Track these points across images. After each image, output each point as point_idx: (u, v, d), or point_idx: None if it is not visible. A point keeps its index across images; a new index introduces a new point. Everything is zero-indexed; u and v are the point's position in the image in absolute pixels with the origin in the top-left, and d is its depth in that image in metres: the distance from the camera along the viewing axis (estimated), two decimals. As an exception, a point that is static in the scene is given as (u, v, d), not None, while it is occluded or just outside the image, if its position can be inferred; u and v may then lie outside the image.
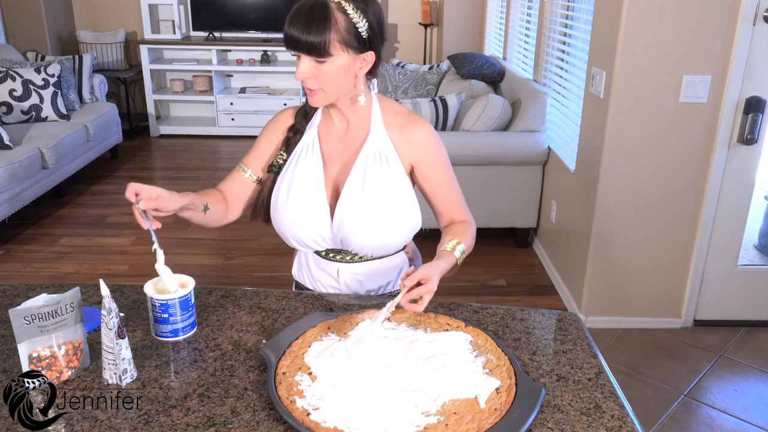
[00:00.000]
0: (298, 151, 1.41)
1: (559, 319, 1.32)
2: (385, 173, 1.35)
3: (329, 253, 1.44)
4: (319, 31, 1.22)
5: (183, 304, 1.20)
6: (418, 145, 1.38)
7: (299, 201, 1.37)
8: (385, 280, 1.48)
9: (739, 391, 2.51)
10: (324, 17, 1.22)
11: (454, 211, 1.45)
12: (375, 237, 1.37)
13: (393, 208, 1.36)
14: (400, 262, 1.49)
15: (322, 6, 1.23)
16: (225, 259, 3.54)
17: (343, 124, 1.40)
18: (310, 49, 1.24)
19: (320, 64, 1.25)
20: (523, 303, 3.11)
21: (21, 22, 5.44)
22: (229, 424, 0.99)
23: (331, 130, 1.41)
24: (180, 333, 1.21)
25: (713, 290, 2.84)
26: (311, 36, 1.22)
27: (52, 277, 3.36)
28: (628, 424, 1.00)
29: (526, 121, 3.46)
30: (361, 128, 1.38)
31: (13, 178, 3.68)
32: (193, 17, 5.92)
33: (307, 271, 1.51)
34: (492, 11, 5.28)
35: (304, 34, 1.22)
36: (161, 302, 1.19)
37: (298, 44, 1.24)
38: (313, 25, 1.22)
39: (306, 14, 1.23)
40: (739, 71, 2.49)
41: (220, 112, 5.91)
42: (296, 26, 1.23)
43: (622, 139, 2.60)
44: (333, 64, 1.26)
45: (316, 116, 1.43)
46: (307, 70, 1.26)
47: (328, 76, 1.27)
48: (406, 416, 0.97)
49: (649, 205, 2.70)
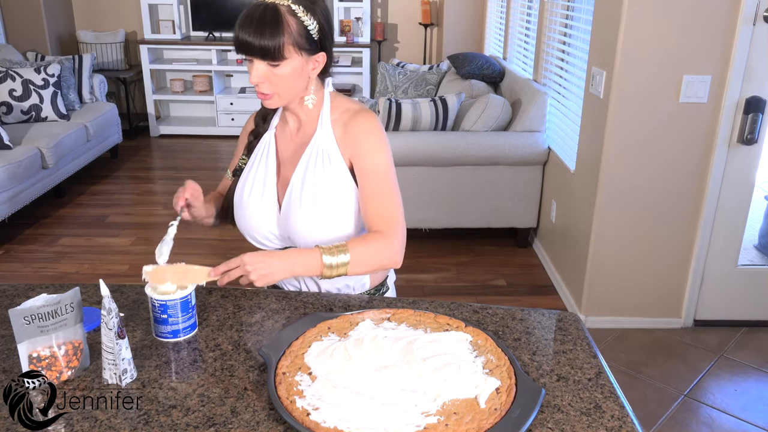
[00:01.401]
0: (258, 153, 1.45)
1: (559, 319, 1.32)
2: (326, 171, 1.36)
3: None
4: (273, 35, 1.23)
5: (183, 305, 1.20)
6: (353, 139, 1.36)
7: (253, 200, 1.42)
8: (341, 282, 1.46)
9: (739, 391, 2.51)
10: (276, 21, 1.24)
11: (370, 215, 1.33)
12: (317, 234, 1.36)
13: (333, 206, 1.36)
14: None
15: (273, 10, 1.24)
16: (225, 259, 3.53)
17: (295, 124, 1.42)
18: (264, 54, 1.25)
19: (274, 68, 1.27)
20: (523, 303, 3.11)
21: (21, 22, 5.44)
22: (229, 424, 0.99)
23: (286, 130, 1.44)
24: (180, 334, 1.21)
25: (713, 290, 2.84)
26: (264, 40, 1.24)
27: (52, 277, 3.36)
28: (628, 424, 1.00)
29: (526, 121, 3.46)
30: (310, 127, 1.40)
31: (13, 178, 3.68)
32: (193, 17, 5.92)
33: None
34: (492, 11, 5.28)
35: (257, 39, 1.24)
36: (161, 303, 1.18)
37: (251, 49, 1.25)
38: (266, 30, 1.23)
39: (258, 19, 1.24)
40: (739, 71, 2.49)
41: (220, 112, 5.91)
42: (248, 31, 1.24)
43: (622, 139, 2.60)
44: (286, 67, 1.27)
45: (275, 118, 1.46)
46: (261, 75, 1.28)
47: (282, 79, 1.29)
48: (406, 416, 0.97)
49: (649, 205, 2.70)
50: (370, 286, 1.50)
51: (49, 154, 4.06)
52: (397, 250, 1.32)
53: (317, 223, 1.36)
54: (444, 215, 3.53)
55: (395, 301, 1.38)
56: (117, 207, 4.35)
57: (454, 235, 3.72)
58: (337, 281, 1.45)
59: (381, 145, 1.35)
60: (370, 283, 1.50)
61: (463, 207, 3.53)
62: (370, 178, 1.34)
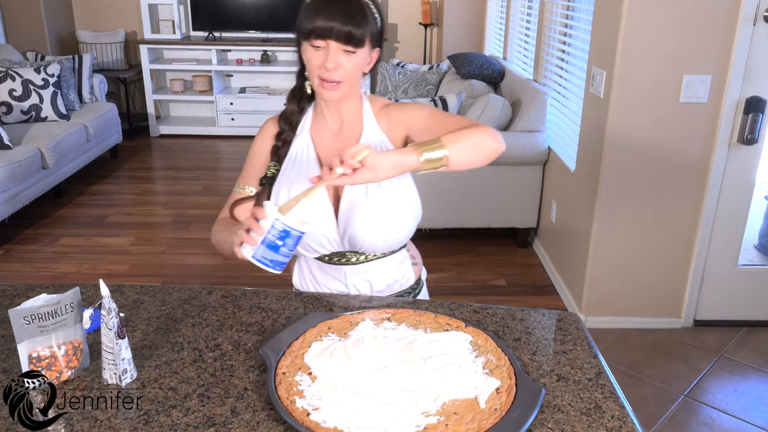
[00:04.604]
0: (291, 157, 1.40)
1: (559, 319, 1.32)
2: None
3: (333, 257, 1.43)
4: (361, 21, 1.25)
5: (297, 240, 1.15)
6: (399, 119, 1.38)
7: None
8: (392, 278, 1.47)
9: (739, 391, 2.51)
10: (362, 9, 1.26)
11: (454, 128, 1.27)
12: (383, 231, 1.36)
13: (396, 200, 1.36)
14: (403, 258, 1.49)
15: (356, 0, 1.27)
16: (225, 259, 3.53)
17: (336, 124, 1.40)
18: (348, 39, 1.25)
19: (348, 55, 1.27)
20: (523, 303, 3.11)
21: (21, 22, 5.44)
22: (229, 424, 0.99)
23: (325, 131, 1.41)
24: (278, 267, 1.15)
25: (713, 290, 2.84)
26: (352, 26, 1.24)
27: (52, 277, 3.36)
28: (628, 424, 1.00)
29: (526, 121, 3.46)
30: (354, 125, 1.39)
31: (13, 178, 3.68)
32: (193, 17, 5.92)
33: (311, 279, 1.49)
34: (492, 11, 5.28)
35: (346, 24, 1.24)
36: (284, 229, 1.12)
37: (338, 33, 1.24)
38: (356, 16, 1.25)
39: (344, 4, 1.25)
40: (739, 71, 2.49)
41: (220, 112, 5.91)
42: (336, 16, 1.24)
43: (622, 139, 2.60)
44: (359, 56, 1.28)
45: (305, 120, 1.42)
46: (338, 60, 1.27)
47: (354, 67, 1.29)
48: (406, 416, 0.97)
49: (649, 205, 2.70)
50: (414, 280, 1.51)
51: (49, 154, 4.06)
52: (494, 131, 1.28)
53: (384, 220, 1.35)
54: (444, 215, 3.54)
55: (395, 301, 1.38)
56: (117, 207, 4.35)
57: (454, 235, 3.72)
58: (387, 277, 1.45)
59: (420, 104, 1.40)
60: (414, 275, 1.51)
61: (463, 207, 3.53)
62: (432, 120, 1.34)
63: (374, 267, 1.44)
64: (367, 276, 1.45)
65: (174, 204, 4.40)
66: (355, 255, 1.42)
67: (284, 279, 1.55)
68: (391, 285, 1.48)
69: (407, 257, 1.51)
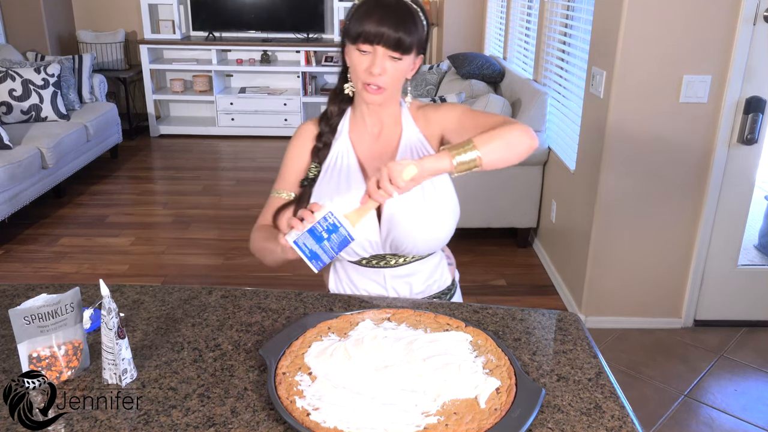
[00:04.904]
0: (332, 160, 1.39)
1: (559, 319, 1.32)
2: None
3: (372, 260, 1.42)
4: (411, 28, 1.25)
5: (342, 242, 1.15)
6: (435, 119, 1.39)
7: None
8: (432, 280, 1.48)
9: (739, 391, 2.51)
10: (413, 16, 1.26)
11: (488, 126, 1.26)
12: (427, 232, 1.36)
13: (438, 202, 1.37)
14: (440, 260, 1.50)
15: (406, 6, 1.26)
16: (225, 259, 3.54)
17: (376, 127, 1.39)
18: (397, 45, 1.24)
19: (395, 62, 1.27)
20: (523, 303, 3.11)
21: (21, 22, 5.44)
22: (229, 424, 0.99)
23: (364, 133, 1.40)
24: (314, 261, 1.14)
25: (713, 290, 2.84)
26: (403, 32, 1.24)
27: (52, 277, 3.36)
28: (628, 424, 1.00)
29: (526, 121, 3.46)
30: (393, 128, 1.39)
31: (13, 178, 3.68)
32: (193, 17, 5.92)
33: (348, 284, 1.48)
34: (492, 11, 5.28)
35: (396, 30, 1.23)
36: (334, 222, 1.13)
37: (387, 38, 1.24)
38: (407, 23, 1.24)
39: (395, 10, 1.25)
40: (739, 71, 2.49)
41: (220, 112, 5.91)
42: (387, 21, 1.23)
43: (622, 139, 2.60)
44: (404, 63, 1.28)
45: (344, 123, 1.41)
46: (384, 66, 1.26)
47: (399, 73, 1.29)
48: (406, 416, 0.97)
49: (649, 205, 2.70)
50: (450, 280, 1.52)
51: (49, 154, 4.06)
52: (527, 128, 1.25)
53: (427, 222, 1.35)
54: (444, 215, 3.53)
55: (395, 301, 1.38)
56: (117, 207, 4.35)
57: (454, 235, 3.72)
58: (426, 278, 1.45)
59: (456, 104, 1.41)
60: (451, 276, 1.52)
61: (463, 207, 3.50)
62: (467, 118, 1.34)
63: (414, 269, 1.44)
64: (407, 279, 1.44)
65: (174, 204, 4.40)
66: (395, 257, 1.41)
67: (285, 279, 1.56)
68: (431, 286, 1.48)
69: (443, 258, 1.51)
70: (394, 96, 1.35)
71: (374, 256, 1.42)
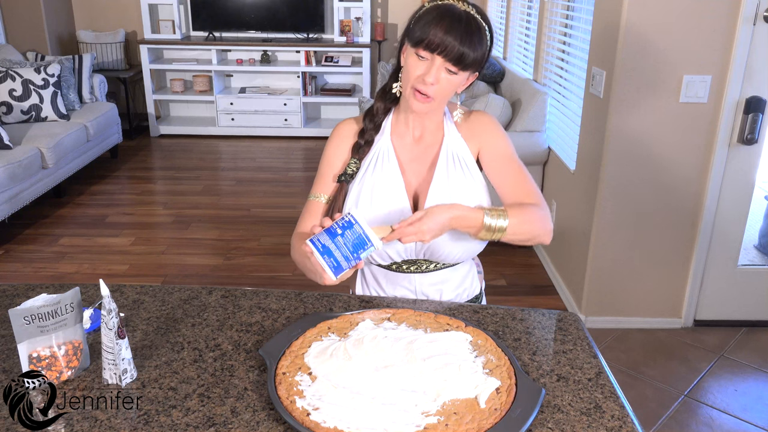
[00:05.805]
0: (372, 159, 1.37)
1: (559, 319, 1.32)
2: (465, 175, 1.35)
3: (403, 264, 1.41)
4: (477, 46, 1.22)
5: (358, 242, 1.13)
6: (479, 131, 1.38)
7: (381, 211, 1.33)
8: (462, 288, 1.46)
9: (739, 391, 2.51)
10: (481, 35, 1.23)
11: (520, 192, 1.34)
12: (464, 241, 1.35)
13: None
14: (470, 267, 1.48)
15: (476, 22, 1.23)
16: (225, 259, 3.54)
17: (417, 131, 1.38)
18: (459, 60, 1.22)
19: (450, 75, 1.24)
20: (523, 303, 3.11)
21: (21, 22, 5.44)
22: (229, 424, 0.99)
23: (405, 136, 1.39)
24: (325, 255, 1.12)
25: (713, 290, 2.84)
26: (468, 47, 1.21)
27: (52, 277, 3.36)
28: (628, 424, 1.00)
29: (526, 121, 3.46)
30: (435, 133, 1.38)
31: (13, 178, 3.68)
32: (193, 17, 5.92)
33: (376, 288, 1.47)
34: (492, 11, 5.28)
35: (463, 45, 1.21)
36: (349, 220, 1.12)
37: (449, 50, 1.21)
38: (475, 38, 1.22)
39: (465, 24, 1.21)
40: (739, 71, 2.48)
41: (220, 112, 5.91)
42: (454, 32, 1.20)
43: (622, 139, 2.60)
44: (459, 77, 1.26)
45: (386, 123, 1.40)
46: (439, 77, 1.24)
47: (450, 86, 1.27)
48: (406, 416, 0.97)
49: (649, 205, 2.70)
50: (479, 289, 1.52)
51: (49, 154, 4.06)
52: (551, 225, 1.31)
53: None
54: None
55: (395, 302, 1.38)
56: (117, 207, 4.35)
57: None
58: (457, 286, 1.45)
59: (504, 133, 1.40)
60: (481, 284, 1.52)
61: (463, 207, 3.52)
62: (507, 162, 1.36)
63: (446, 276, 1.43)
64: (439, 286, 1.43)
65: (174, 204, 4.40)
66: (426, 263, 1.40)
67: (285, 279, 1.55)
68: (461, 294, 1.47)
69: (473, 265, 1.50)
70: (440, 107, 1.33)
71: (406, 261, 1.40)
